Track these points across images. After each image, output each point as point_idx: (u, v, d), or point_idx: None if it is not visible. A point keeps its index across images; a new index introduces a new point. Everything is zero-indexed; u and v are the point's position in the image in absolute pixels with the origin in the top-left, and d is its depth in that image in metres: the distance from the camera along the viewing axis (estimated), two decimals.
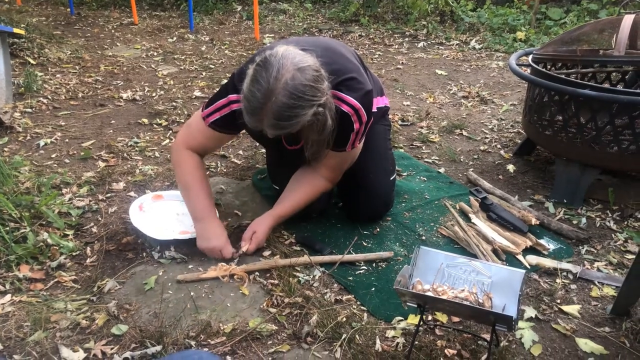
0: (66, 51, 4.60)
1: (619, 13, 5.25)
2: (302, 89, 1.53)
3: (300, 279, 1.78)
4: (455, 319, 1.63)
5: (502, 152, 2.91)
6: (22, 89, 3.51)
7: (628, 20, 2.40)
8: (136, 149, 2.78)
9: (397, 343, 1.51)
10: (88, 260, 1.85)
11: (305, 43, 1.78)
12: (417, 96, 3.86)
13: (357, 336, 1.53)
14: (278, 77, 1.51)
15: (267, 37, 5.57)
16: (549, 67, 2.74)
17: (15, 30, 3.27)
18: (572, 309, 1.69)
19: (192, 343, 1.49)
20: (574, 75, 2.74)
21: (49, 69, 4.11)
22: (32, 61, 4.19)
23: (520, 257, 1.92)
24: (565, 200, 2.34)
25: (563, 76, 2.35)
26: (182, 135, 1.97)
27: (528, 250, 1.97)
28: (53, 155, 2.65)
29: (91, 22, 5.96)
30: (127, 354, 1.44)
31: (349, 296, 1.73)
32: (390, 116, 2.52)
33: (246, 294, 1.71)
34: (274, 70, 1.52)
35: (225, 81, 1.97)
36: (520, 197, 2.40)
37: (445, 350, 1.49)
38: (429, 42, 5.59)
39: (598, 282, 1.82)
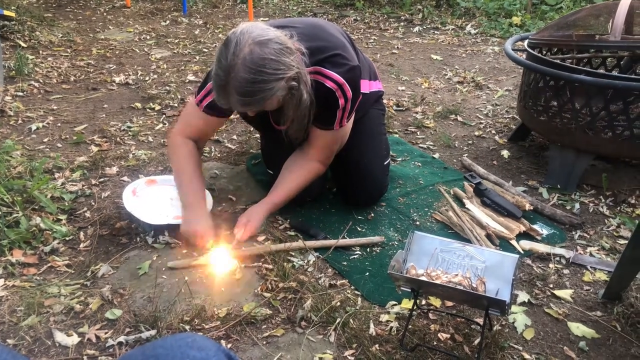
0: (57, 34, 4.54)
1: None
2: (261, 62, 1.51)
3: (294, 263, 1.78)
4: (449, 304, 1.63)
5: (496, 137, 2.91)
6: (13, 72, 3.47)
7: (624, 5, 2.39)
8: (129, 133, 2.76)
9: (391, 327, 1.52)
10: (81, 245, 1.85)
11: (289, 22, 1.77)
12: (412, 81, 3.85)
13: (351, 320, 1.54)
14: (236, 53, 1.51)
15: (262, 20, 5.50)
16: (544, 52, 2.73)
17: (6, 12, 3.23)
18: (565, 293, 1.70)
19: (187, 327, 1.49)
20: (569, 61, 2.73)
21: (40, 52, 4.05)
22: (23, 44, 4.13)
23: (513, 242, 1.93)
24: (559, 186, 2.35)
25: (558, 61, 2.34)
26: (179, 124, 2.00)
27: (522, 236, 1.98)
28: (45, 140, 2.63)
29: (83, 4, 5.88)
30: (122, 338, 1.44)
31: (343, 281, 1.73)
32: (385, 101, 2.51)
33: (238, 278, 1.71)
34: (232, 46, 1.52)
35: None
36: (515, 182, 2.40)
37: (439, 335, 1.50)
38: (424, 27, 5.55)
39: (590, 267, 1.84)
